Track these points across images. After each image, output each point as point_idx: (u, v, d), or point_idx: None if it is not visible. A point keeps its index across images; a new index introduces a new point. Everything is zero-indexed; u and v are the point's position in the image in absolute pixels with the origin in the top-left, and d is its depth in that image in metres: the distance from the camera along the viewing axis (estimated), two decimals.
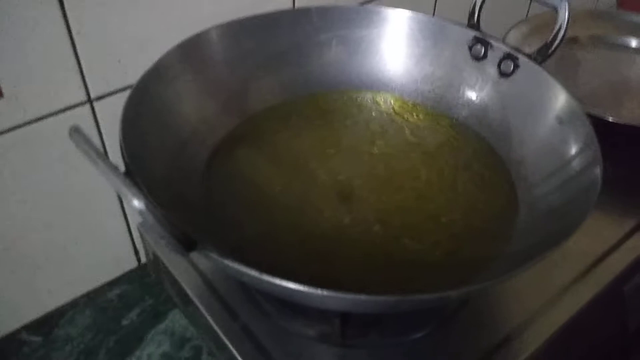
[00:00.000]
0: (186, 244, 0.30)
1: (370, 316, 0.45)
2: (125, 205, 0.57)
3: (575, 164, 0.42)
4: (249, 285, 0.46)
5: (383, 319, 0.45)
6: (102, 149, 0.52)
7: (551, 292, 0.48)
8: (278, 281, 0.29)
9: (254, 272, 0.30)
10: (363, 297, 0.29)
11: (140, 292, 0.60)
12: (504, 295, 0.48)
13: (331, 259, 0.43)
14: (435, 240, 0.44)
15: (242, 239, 0.43)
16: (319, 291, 0.29)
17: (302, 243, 0.44)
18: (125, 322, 0.57)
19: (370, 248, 0.43)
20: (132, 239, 0.60)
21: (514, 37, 0.69)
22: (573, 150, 0.43)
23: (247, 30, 0.51)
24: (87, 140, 0.29)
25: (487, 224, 0.45)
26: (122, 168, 0.35)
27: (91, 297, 0.59)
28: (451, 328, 0.45)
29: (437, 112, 0.56)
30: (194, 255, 0.31)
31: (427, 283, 0.41)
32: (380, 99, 0.57)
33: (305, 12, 0.54)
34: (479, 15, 0.52)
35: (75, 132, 0.29)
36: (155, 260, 0.55)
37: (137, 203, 0.27)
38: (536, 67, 0.49)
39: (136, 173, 0.35)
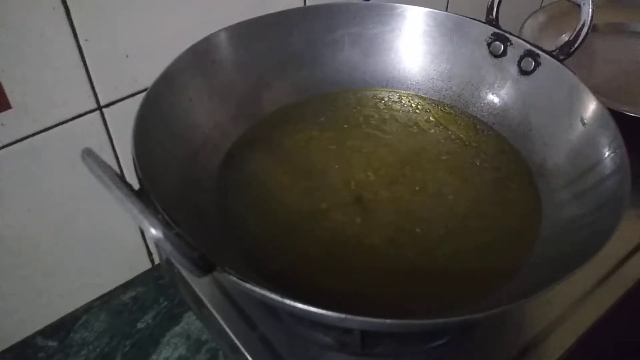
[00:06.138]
0: (204, 268, 0.29)
1: None
2: None
3: (601, 170, 0.40)
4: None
5: None
6: (113, 156, 0.51)
7: (574, 297, 0.47)
8: (301, 306, 0.29)
9: (275, 296, 0.29)
10: (388, 321, 0.29)
11: (154, 294, 0.59)
12: None
13: (349, 268, 0.42)
14: (455, 249, 0.43)
15: (257, 247, 0.43)
16: (342, 315, 0.29)
17: (318, 251, 0.43)
18: (140, 325, 0.57)
19: (389, 257, 0.42)
20: (145, 240, 0.59)
21: (530, 28, 0.66)
22: (598, 154, 0.41)
23: (257, 31, 0.50)
24: (100, 163, 0.28)
25: (510, 230, 0.44)
26: (135, 184, 0.35)
27: (106, 301, 0.59)
28: (473, 334, 0.44)
29: (455, 110, 0.54)
30: None
31: (449, 296, 0.40)
32: (395, 97, 0.56)
33: (316, 10, 0.52)
34: (497, 11, 0.50)
35: (88, 155, 0.28)
36: (168, 265, 0.54)
37: (154, 232, 0.26)
38: (558, 65, 0.47)
39: (150, 189, 0.34)
